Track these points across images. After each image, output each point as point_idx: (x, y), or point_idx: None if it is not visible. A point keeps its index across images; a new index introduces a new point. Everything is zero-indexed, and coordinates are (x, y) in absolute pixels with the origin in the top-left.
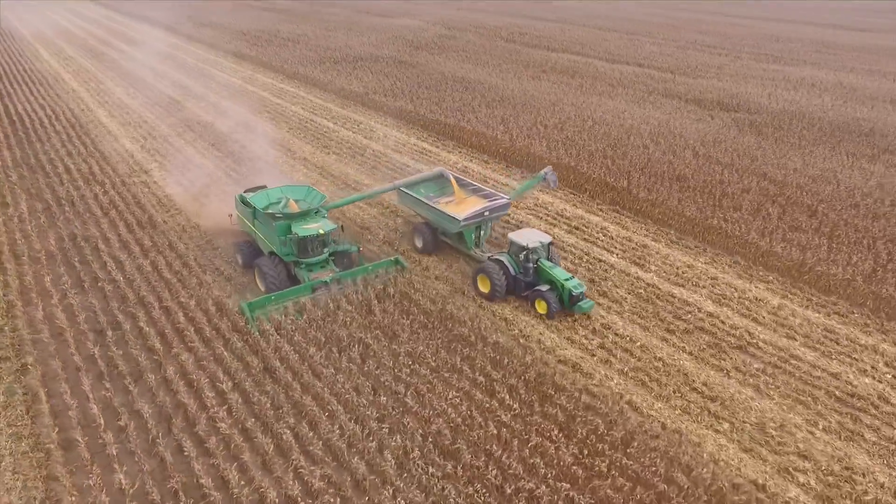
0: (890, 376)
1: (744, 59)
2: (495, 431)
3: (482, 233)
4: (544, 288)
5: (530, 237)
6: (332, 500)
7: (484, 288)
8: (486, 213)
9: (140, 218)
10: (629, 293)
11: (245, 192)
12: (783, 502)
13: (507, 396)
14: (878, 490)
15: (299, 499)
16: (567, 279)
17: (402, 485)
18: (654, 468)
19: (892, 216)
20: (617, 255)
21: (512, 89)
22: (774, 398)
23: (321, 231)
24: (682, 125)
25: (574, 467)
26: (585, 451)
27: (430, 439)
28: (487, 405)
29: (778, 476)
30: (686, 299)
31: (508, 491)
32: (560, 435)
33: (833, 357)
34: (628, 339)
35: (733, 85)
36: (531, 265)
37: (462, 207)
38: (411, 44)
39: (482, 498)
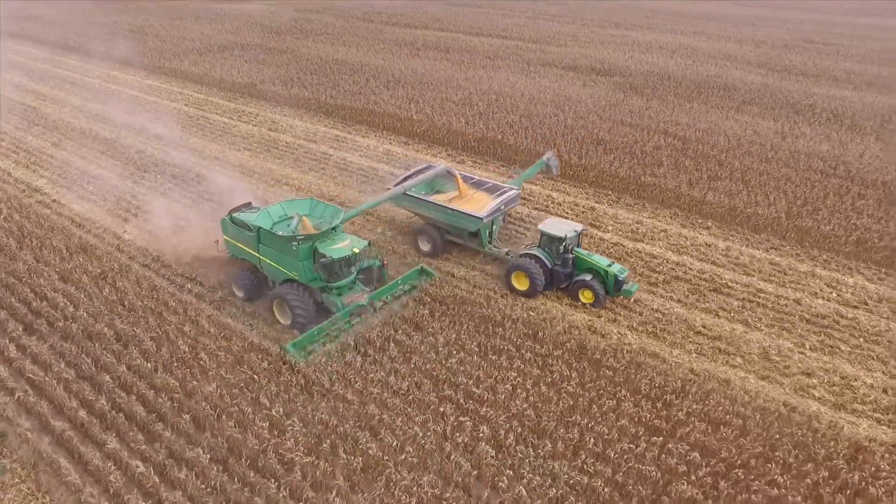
0: (835, 295)
1: (590, 27)
2: (571, 402)
3: (495, 227)
4: (588, 277)
5: (563, 227)
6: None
7: (521, 285)
8: (503, 207)
9: (69, 243)
10: (601, 254)
11: (231, 213)
12: (812, 414)
13: (564, 367)
14: (871, 390)
15: None
16: (609, 265)
17: (515, 469)
18: (720, 408)
19: (778, 159)
20: (571, 219)
21: (399, 69)
22: (762, 329)
23: (356, 250)
24: (573, 91)
25: (656, 421)
26: (659, 405)
27: (515, 422)
28: (548, 379)
29: (797, 395)
30: (651, 252)
31: (613, 455)
32: (627, 394)
33: (787, 286)
34: (622, 297)
35: (595, 51)
36: (570, 256)
37: (475, 204)
38: (271, 29)
39: (593, 467)
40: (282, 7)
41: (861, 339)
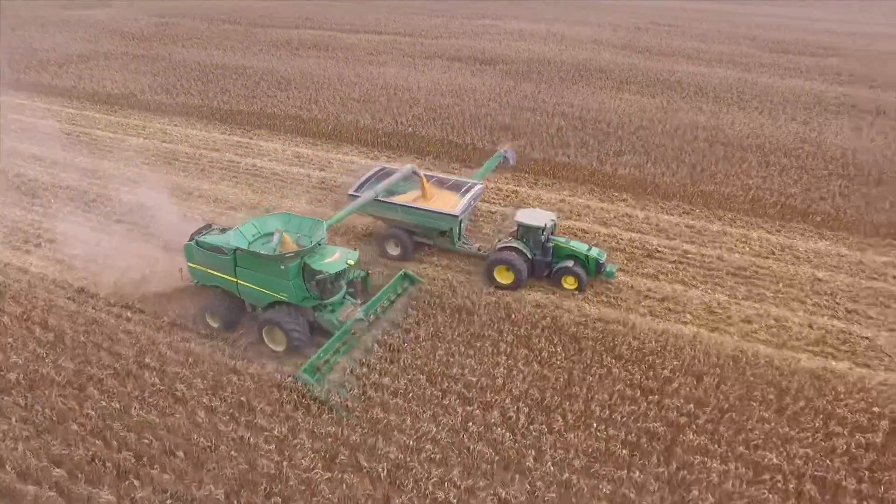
0: (748, 249)
1: (458, 19)
2: (566, 375)
3: (462, 224)
4: (571, 263)
5: (539, 217)
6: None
7: (504, 279)
8: (472, 203)
9: None
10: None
11: (194, 237)
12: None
13: (547, 344)
14: (800, 328)
15: None
16: (588, 250)
17: (536, 448)
18: (696, 361)
19: (666, 132)
20: (502, 205)
21: (285, 70)
22: (698, 286)
23: (350, 262)
24: (465, 81)
25: (646, 381)
26: (644, 367)
27: (521, 403)
28: (538, 357)
29: (744, 341)
30: (582, 228)
31: (619, 418)
32: (613, 361)
33: (706, 245)
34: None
35: (470, 42)
36: (550, 244)
37: (444, 202)
38: (133, 36)
39: (605, 433)
40: (131, 12)
41: (780, 285)
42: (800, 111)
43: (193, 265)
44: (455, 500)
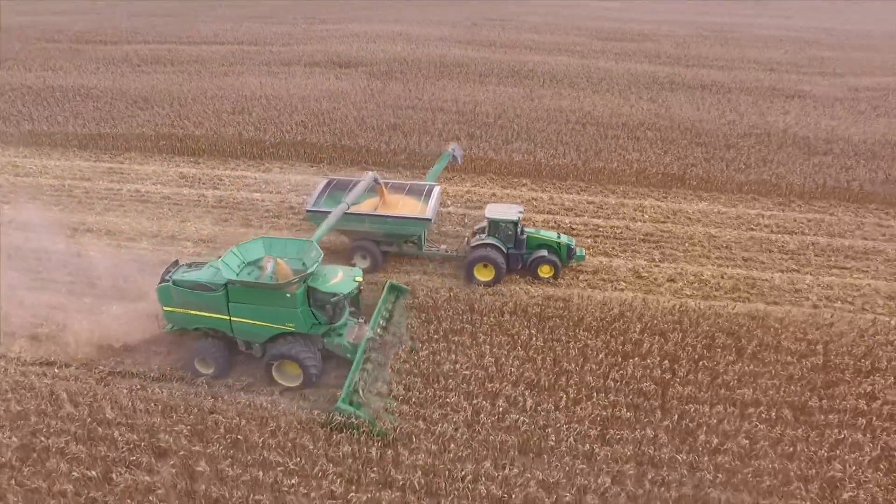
0: (647, 216)
1: (298, 25)
2: (552, 355)
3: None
4: (545, 252)
5: (507, 211)
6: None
7: (484, 276)
8: (438, 205)
9: None
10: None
11: (168, 278)
12: (703, 308)
13: (523, 329)
14: (714, 279)
15: None
16: (558, 237)
17: (553, 427)
18: (654, 321)
19: (541, 118)
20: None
21: (138, 88)
22: (620, 255)
23: (358, 279)
24: (335, 85)
25: (622, 347)
26: (615, 334)
27: (521, 386)
28: (518, 342)
29: (675, 298)
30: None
31: (613, 385)
32: (587, 334)
33: (611, 218)
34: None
35: (322, 46)
36: (523, 237)
37: (409, 208)
38: None
39: (606, 399)
40: None
41: (686, 245)
42: (643, 90)
43: (171, 308)
44: (500, 492)
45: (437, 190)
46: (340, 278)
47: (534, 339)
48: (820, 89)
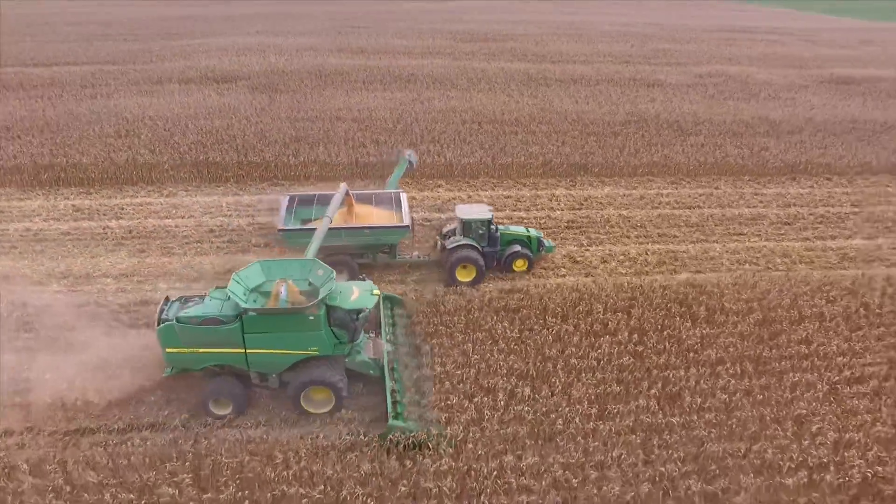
0: (561, 205)
1: (157, 41)
2: (532, 345)
3: None
4: (518, 247)
5: (477, 210)
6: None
7: (466, 277)
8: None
9: None
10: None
11: (166, 317)
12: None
13: (499, 325)
14: (643, 256)
15: None
16: (528, 231)
17: (557, 411)
18: (610, 300)
19: (438, 119)
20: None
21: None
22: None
23: (376, 292)
24: (220, 102)
25: (593, 327)
26: (580, 317)
27: (514, 378)
28: (495, 336)
29: (615, 277)
30: (428, 217)
31: (597, 364)
32: (556, 320)
33: (531, 209)
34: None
35: (189, 62)
36: (497, 234)
37: (385, 217)
38: None
39: (595, 378)
40: None
41: (606, 227)
42: (523, 87)
43: (175, 350)
44: (532, 482)
45: (404, 196)
46: (357, 293)
47: (508, 331)
48: (672, 78)
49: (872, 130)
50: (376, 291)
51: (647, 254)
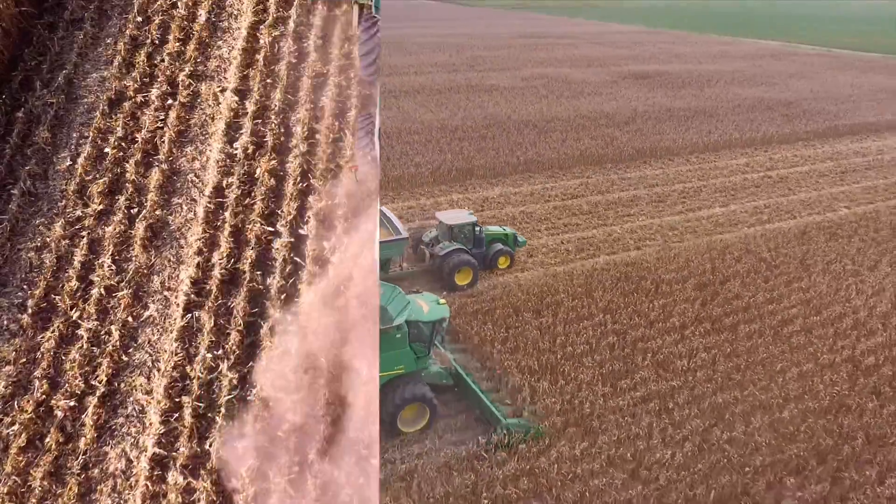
0: (472, 208)
1: None
2: (532, 337)
3: None
4: (500, 246)
5: (460, 215)
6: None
7: (464, 280)
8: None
9: None
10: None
11: None
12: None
13: (488, 327)
14: (590, 240)
15: None
16: (504, 229)
17: (574, 393)
18: (583, 286)
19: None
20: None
21: None
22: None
23: (441, 301)
24: None
25: (580, 311)
26: (572, 305)
27: (526, 373)
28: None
29: (580, 262)
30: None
31: (603, 346)
32: (545, 309)
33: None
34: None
35: None
36: (483, 235)
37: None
38: None
39: (602, 357)
40: None
41: (514, 225)
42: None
43: None
44: (595, 465)
45: (387, 210)
46: (429, 305)
47: (496, 332)
48: (503, 82)
49: (684, 117)
50: (442, 301)
51: (564, 243)
